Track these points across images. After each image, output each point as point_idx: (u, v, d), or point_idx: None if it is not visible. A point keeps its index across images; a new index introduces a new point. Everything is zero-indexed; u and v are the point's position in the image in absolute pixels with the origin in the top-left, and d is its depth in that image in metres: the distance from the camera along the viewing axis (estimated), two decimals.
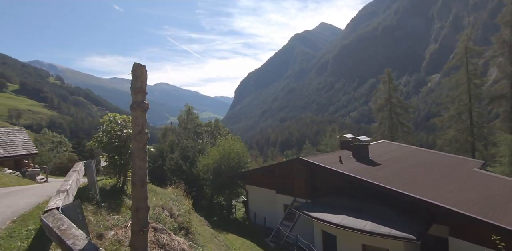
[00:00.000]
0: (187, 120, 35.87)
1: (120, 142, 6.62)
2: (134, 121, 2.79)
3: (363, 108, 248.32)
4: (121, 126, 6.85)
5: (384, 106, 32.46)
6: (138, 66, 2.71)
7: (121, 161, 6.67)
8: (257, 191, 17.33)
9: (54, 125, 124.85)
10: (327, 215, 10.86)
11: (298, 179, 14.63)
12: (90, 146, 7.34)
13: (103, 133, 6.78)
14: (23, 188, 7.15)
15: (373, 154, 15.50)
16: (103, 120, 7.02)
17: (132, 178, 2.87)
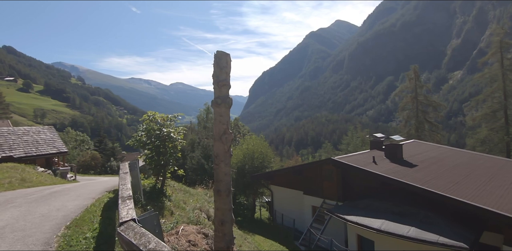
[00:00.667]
0: (206, 119, 35.86)
1: (160, 142, 6.37)
2: (218, 119, 2.43)
3: (381, 107, 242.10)
4: (159, 125, 6.61)
5: (409, 105, 31.13)
6: (223, 55, 2.35)
7: (161, 161, 6.43)
8: (282, 191, 16.92)
9: (76, 124, 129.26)
10: (364, 219, 10.28)
11: (328, 180, 14.09)
12: (129, 145, 7.06)
13: (142, 132, 6.56)
14: (62, 187, 7.08)
15: (406, 155, 14.72)
16: (142, 119, 6.80)
17: (216, 186, 2.52)
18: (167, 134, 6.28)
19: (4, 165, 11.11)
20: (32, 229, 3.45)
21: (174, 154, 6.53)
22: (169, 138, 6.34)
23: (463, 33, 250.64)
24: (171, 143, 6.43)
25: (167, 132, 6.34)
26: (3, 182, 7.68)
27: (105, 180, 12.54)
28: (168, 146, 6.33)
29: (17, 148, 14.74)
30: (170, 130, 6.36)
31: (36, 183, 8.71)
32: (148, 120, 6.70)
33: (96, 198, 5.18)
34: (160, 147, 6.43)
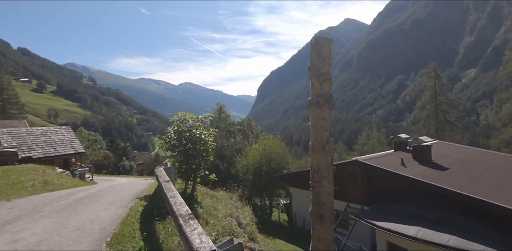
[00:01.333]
0: (219, 119, 35.54)
1: (191, 144, 5.97)
2: (320, 123, 1.95)
3: (391, 106, 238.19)
4: (189, 126, 6.21)
5: (428, 104, 30.13)
6: (325, 41, 1.88)
7: (192, 165, 6.03)
8: (302, 194, 16.41)
9: (87, 124, 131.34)
10: (396, 225, 9.69)
11: (352, 182, 13.51)
12: (158, 147, 6.69)
13: (172, 134, 6.16)
14: (87, 192, 6.76)
15: (434, 156, 14.00)
16: (172, 120, 6.41)
17: (317, 210, 2.05)
18: (199, 136, 5.89)
19: (25, 166, 10.94)
20: (70, 247, 3.07)
21: (206, 157, 6.14)
22: (201, 140, 5.96)
23: (477, 30, 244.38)
24: (203, 145, 6.04)
25: (200, 133, 5.94)
26: (26, 185, 7.44)
27: (125, 182, 12.26)
28: (199, 149, 5.94)
29: (35, 148, 14.65)
30: (202, 132, 5.97)
31: (58, 186, 8.46)
32: (178, 121, 6.31)
33: (129, 206, 4.80)
34: (191, 150, 6.05)
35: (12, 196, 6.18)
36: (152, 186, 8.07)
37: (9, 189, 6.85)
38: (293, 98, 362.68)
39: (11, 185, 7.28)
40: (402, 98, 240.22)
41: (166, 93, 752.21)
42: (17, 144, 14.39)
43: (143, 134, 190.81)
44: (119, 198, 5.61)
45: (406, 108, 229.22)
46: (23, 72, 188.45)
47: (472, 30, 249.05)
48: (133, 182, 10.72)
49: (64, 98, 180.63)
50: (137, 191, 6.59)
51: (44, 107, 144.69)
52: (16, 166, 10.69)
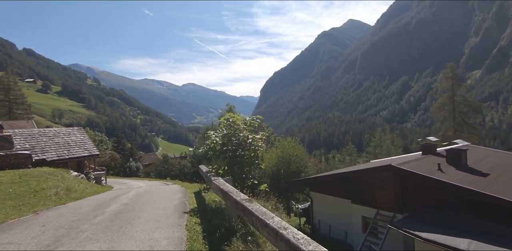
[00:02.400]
0: None
1: (242, 150, 5.28)
2: None
3: (395, 107, 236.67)
4: (234, 129, 5.52)
5: (445, 105, 29.25)
6: None
7: (242, 174, 5.34)
8: (324, 199, 15.64)
9: (91, 124, 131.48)
10: (443, 237, 8.91)
11: (383, 188, 12.74)
12: (201, 153, 5.95)
13: (217, 139, 5.47)
14: (121, 203, 6.00)
15: (468, 161, 13.21)
16: (218, 123, 5.76)
17: None
18: (252, 141, 5.21)
19: (40, 169, 10.31)
20: None
21: (258, 165, 5.47)
22: (251, 146, 5.29)
23: (482, 31, 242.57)
24: (254, 151, 5.37)
25: (253, 138, 5.26)
26: (49, 193, 6.79)
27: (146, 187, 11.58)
28: (250, 155, 5.27)
29: (49, 150, 14.06)
30: (256, 136, 5.29)
31: (80, 193, 7.82)
32: (226, 124, 5.63)
33: (182, 224, 4.12)
34: (239, 157, 5.38)
35: (38, 207, 5.54)
36: (186, 194, 7.35)
37: (32, 198, 6.21)
38: (296, 99, 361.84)
39: (33, 193, 6.64)
40: (406, 99, 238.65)
41: (169, 94, 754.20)
42: (30, 146, 13.81)
43: (147, 134, 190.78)
44: (163, 212, 4.93)
45: (411, 110, 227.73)
46: (28, 73, 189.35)
47: (478, 31, 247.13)
48: (158, 188, 9.95)
49: (68, 99, 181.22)
50: (175, 202, 5.91)
51: (49, 107, 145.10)
52: (32, 170, 10.07)
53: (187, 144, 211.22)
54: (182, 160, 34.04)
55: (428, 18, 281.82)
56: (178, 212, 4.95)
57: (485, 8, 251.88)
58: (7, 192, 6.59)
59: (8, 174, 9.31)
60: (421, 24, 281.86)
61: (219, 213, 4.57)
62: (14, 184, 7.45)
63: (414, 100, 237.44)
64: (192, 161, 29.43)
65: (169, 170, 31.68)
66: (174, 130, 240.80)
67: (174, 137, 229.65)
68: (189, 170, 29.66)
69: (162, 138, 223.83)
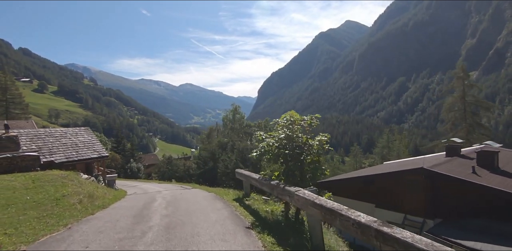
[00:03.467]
0: (233, 121, 34.15)
1: (305, 155, 4.60)
2: None
3: (392, 108, 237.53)
4: (289, 130, 4.85)
5: (456, 105, 28.82)
6: None
7: (306, 182, 4.67)
8: (345, 203, 14.89)
9: (88, 124, 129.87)
10: (496, 247, 8.28)
11: (412, 192, 12.12)
12: (254, 157, 4.85)
13: (273, 141, 4.78)
14: (162, 215, 5.19)
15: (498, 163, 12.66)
16: (274, 122, 5.04)
17: None
18: (319, 144, 4.56)
19: (52, 173, 9.52)
20: None
21: (323, 171, 4.80)
22: (312, 149, 4.64)
23: (479, 32, 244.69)
24: (317, 156, 4.72)
25: (320, 140, 4.61)
26: (72, 200, 6.04)
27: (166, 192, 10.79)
28: (313, 160, 4.63)
29: (56, 151, 13.24)
30: (322, 138, 4.64)
31: (102, 200, 7.10)
32: (286, 124, 4.95)
33: (258, 245, 3.43)
34: (300, 162, 4.71)
35: (65, 218, 4.83)
36: (228, 202, 6.56)
37: (55, 207, 5.47)
38: (293, 100, 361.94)
39: (54, 200, 5.90)
40: (403, 100, 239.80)
41: (166, 94, 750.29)
42: (37, 147, 12.99)
43: (144, 134, 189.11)
44: (222, 228, 4.20)
45: (408, 110, 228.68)
46: (24, 73, 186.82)
47: (474, 33, 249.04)
48: (184, 194, 9.03)
49: (65, 99, 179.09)
50: (224, 212, 5.15)
51: (45, 107, 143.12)
52: (44, 173, 9.29)
53: (184, 144, 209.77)
54: (186, 160, 33.22)
55: (425, 20, 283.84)
56: (239, 226, 4.26)
57: (481, 10, 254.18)
58: (25, 199, 5.85)
59: (19, 177, 8.55)
60: (418, 25, 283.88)
61: (289, 228, 3.89)
62: (30, 190, 6.71)
63: (411, 101, 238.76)
64: (198, 162, 28.64)
65: (173, 171, 30.84)
66: (171, 130, 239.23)
67: (171, 137, 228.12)
68: (194, 171, 28.85)
69: (160, 138, 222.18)
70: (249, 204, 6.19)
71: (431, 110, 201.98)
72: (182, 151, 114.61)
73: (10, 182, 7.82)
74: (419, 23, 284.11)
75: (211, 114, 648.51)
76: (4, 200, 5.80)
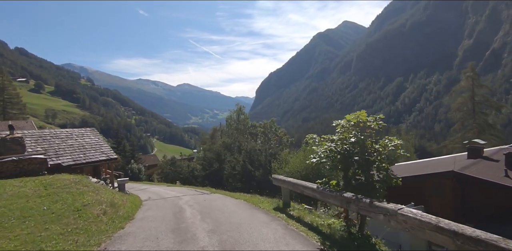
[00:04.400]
0: (238, 121, 33.51)
1: (379, 161, 3.99)
2: None
3: (390, 108, 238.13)
4: (358, 133, 4.22)
5: (465, 105, 28.43)
6: None
7: (375, 192, 4.07)
8: None
9: (86, 124, 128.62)
10: None
11: (439, 196, 11.57)
12: (311, 164, 4.41)
13: (333, 146, 4.17)
14: (203, 229, 4.56)
15: None
16: (338, 123, 4.41)
17: None
18: (395, 148, 3.97)
19: (62, 177, 8.84)
20: None
21: (397, 181, 4.21)
22: (382, 154, 4.06)
23: (475, 33, 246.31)
24: (389, 162, 4.13)
25: (396, 146, 4.01)
26: (95, 211, 5.38)
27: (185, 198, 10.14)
28: (385, 168, 4.04)
29: (63, 154, 12.54)
30: (397, 142, 4.05)
31: (124, 209, 6.46)
32: (349, 126, 4.33)
33: None
34: (371, 169, 4.12)
35: (94, 235, 4.19)
36: (269, 213, 5.89)
37: (78, 220, 4.82)
38: (291, 100, 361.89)
39: (75, 211, 5.24)
40: (401, 101, 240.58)
41: (164, 94, 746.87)
42: (43, 149, 12.28)
43: (142, 135, 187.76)
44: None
45: (405, 111, 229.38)
46: (21, 72, 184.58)
47: (471, 33, 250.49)
48: (210, 201, 8.29)
49: (62, 99, 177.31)
50: (276, 227, 4.50)
51: (42, 107, 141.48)
52: (54, 178, 8.61)
53: (182, 144, 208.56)
54: (190, 161, 32.55)
55: (422, 20, 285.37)
56: (308, 247, 3.65)
57: (478, 11, 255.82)
58: (41, 210, 5.20)
59: (28, 183, 7.87)
60: (416, 26, 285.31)
61: None
62: (44, 199, 6.05)
63: (409, 101, 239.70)
64: (203, 163, 27.98)
65: (177, 173, 30.13)
66: (169, 130, 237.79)
67: (169, 137, 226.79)
68: (199, 173, 28.17)
69: (157, 138, 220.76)
70: (297, 215, 5.56)
71: (429, 110, 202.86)
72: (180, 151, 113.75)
73: (20, 188, 7.15)
74: (416, 23, 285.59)
75: (209, 114, 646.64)
76: (19, 211, 5.15)
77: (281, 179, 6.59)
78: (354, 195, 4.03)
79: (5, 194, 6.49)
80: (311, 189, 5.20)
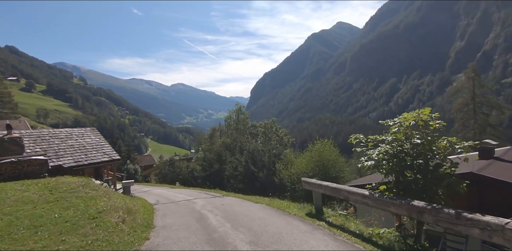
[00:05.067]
0: (238, 121, 33.00)
1: (447, 167, 3.57)
2: None
3: (384, 109, 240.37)
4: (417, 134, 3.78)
5: (465, 106, 28.45)
6: None
7: (439, 201, 3.66)
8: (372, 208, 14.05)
9: (79, 124, 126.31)
10: None
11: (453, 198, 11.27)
12: (365, 167, 3.94)
13: (387, 147, 3.73)
14: (240, 239, 4.05)
15: None
16: (388, 123, 3.99)
17: None
18: (462, 151, 3.57)
19: (65, 180, 8.26)
20: None
21: (464, 187, 3.80)
22: (444, 159, 3.65)
23: (467, 35, 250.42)
24: (453, 165, 3.71)
25: (463, 147, 3.60)
26: (113, 219, 4.84)
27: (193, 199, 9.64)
28: (446, 173, 3.64)
29: (63, 154, 11.91)
30: (465, 144, 3.64)
31: (140, 215, 5.94)
32: (413, 125, 3.90)
33: None
34: (434, 173, 3.71)
35: (121, 249, 3.67)
36: (304, 220, 5.38)
37: (97, 230, 4.29)
38: (286, 100, 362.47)
39: (91, 220, 4.70)
40: (395, 101, 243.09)
41: (158, 94, 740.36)
42: (42, 149, 11.64)
43: (136, 135, 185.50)
44: None
45: (399, 111, 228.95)
46: (11, 71, 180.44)
47: (463, 35, 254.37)
48: (226, 205, 7.60)
49: (54, 98, 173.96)
50: (328, 241, 3.95)
51: (33, 107, 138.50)
52: (58, 181, 8.03)
53: (177, 144, 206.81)
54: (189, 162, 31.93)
55: (416, 22, 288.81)
56: None
57: (470, 13, 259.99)
58: (53, 218, 4.67)
59: (30, 186, 7.29)
60: (409, 27, 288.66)
61: None
62: (52, 204, 5.51)
63: (402, 102, 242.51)
64: (203, 163, 27.41)
65: (176, 174, 29.47)
66: (163, 130, 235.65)
67: (163, 137, 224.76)
68: (199, 174, 27.57)
69: (152, 138, 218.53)
70: (339, 223, 5.11)
71: None
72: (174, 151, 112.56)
73: (23, 193, 6.58)
74: (409, 25, 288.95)
75: (204, 114, 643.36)
76: (27, 219, 4.61)
77: (314, 182, 6.08)
78: (428, 204, 3.59)
79: (8, 200, 5.93)
80: (361, 195, 4.73)
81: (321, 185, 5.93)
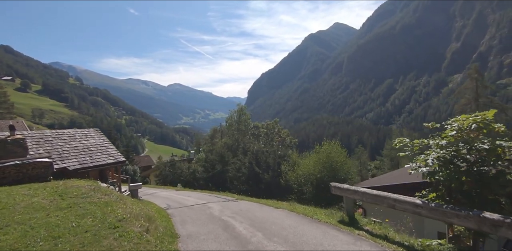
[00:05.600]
0: (239, 121, 32.65)
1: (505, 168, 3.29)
2: None
3: (380, 109, 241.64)
4: None
5: (468, 107, 28.37)
6: None
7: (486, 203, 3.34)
8: (385, 213, 13.79)
9: (75, 124, 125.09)
10: None
11: None
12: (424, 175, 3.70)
13: (442, 152, 3.42)
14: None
15: None
16: (450, 122, 3.68)
17: None
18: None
19: (74, 183, 7.86)
20: None
21: None
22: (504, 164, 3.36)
23: (463, 36, 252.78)
24: None
25: None
26: (135, 228, 4.39)
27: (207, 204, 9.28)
28: (506, 180, 3.36)
29: (68, 156, 11.48)
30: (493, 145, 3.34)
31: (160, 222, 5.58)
32: (476, 128, 3.58)
33: None
34: (495, 180, 3.42)
35: None
36: (341, 229, 5.00)
37: (121, 241, 3.90)
38: (283, 101, 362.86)
39: (112, 229, 4.30)
40: (391, 102, 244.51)
41: (155, 94, 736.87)
42: (45, 151, 11.21)
43: (132, 135, 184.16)
44: None
45: (396, 112, 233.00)
46: (6, 71, 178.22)
47: (459, 37, 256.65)
48: (244, 210, 7.14)
49: (49, 98, 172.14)
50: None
51: (29, 107, 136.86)
52: (66, 184, 7.64)
53: (174, 145, 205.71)
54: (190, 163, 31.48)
55: (412, 23, 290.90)
56: None
57: (465, 15, 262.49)
58: (71, 228, 4.29)
59: (38, 191, 6.89)
60: (405, 29, 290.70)
61: None
62: (66, 212, 5.13)
63: (399, 102, 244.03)
64: (205, 165, 27.00)
65: (177, 175, 29.02)
66: (160, 130, 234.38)
67: (160, 138, 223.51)
68: (201, 175, 27.15)
69: (148, 139, 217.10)
70: (381, 233, 4.80)
71: (418, 111, 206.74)
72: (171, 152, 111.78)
73: (32, 198, 6.18)
74: (406, 26, 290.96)
75: (201, 114, 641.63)
76: (43, 229, 4.23)
77: (348, 188, 5.65)
78: (505, 217, 3.22)
79: (18, 206, 5.54)
80: (412, 204, 4.31)
81: (357, 191, 5.55)
